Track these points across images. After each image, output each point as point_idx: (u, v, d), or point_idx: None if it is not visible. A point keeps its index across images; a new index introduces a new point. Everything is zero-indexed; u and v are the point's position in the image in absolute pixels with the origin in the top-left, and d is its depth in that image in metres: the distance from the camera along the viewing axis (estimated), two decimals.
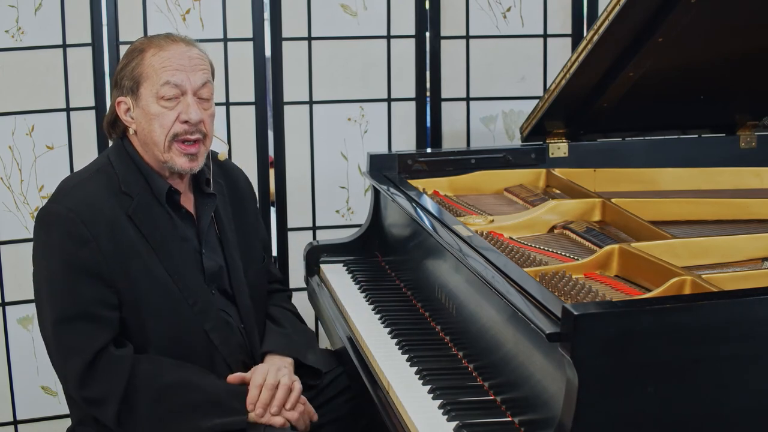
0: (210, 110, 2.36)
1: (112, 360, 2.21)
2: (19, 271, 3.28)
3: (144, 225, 2.29)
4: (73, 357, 2.21)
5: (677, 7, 2.64)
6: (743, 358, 1.74)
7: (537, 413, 1.87)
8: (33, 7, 3.23)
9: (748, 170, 3.03)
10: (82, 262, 2.22)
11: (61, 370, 2.26)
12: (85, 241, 2.22)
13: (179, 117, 2.30)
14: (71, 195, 2.28)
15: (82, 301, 2.21)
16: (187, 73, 2.30)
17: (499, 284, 2.03)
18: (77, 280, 2.22)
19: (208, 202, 2.44)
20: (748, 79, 2.99)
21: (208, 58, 2.39)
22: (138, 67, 2.31)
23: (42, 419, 3.38)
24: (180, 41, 2.34)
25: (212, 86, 2.37)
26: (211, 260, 2.41)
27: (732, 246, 2.34)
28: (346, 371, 2.53)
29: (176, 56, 2.31)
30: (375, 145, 3.58)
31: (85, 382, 2.21)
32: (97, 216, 2.24)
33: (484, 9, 3.62)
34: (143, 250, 2.27)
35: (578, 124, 3.12)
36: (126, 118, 2.35)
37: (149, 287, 2.27)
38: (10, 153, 3.26)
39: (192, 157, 2.33)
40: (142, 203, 2.30)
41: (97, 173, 2.34)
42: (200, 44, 2.40)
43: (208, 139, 2.37)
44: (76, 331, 2.21)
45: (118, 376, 2.20)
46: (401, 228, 2.85)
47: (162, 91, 2.28)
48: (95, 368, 2.20)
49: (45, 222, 2.27)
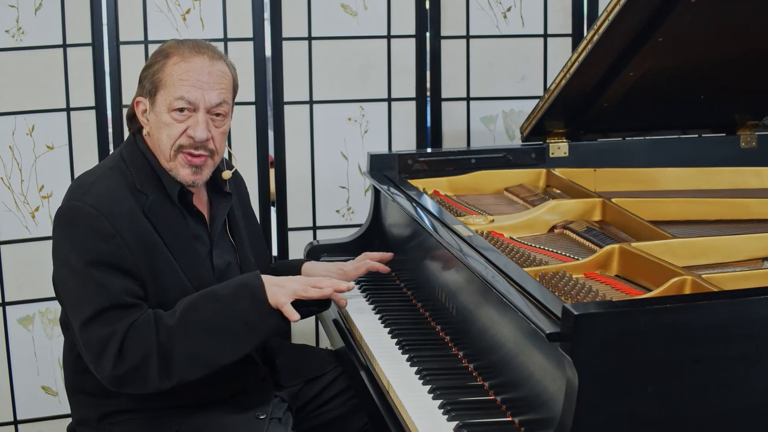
0: (222, 128, 2.34)
1: (138, 326, 2.18)
2: (19, 271, 3.28)
3: (159, 222, 2.29)
4: (109, 345, 2.18)
5: (677, 7, 2.64)
6: (743, 357, 1.74)
7: (537, 413, 1.87)
8: (33, 7, 3.23)
9: (748, 170, 3.03)
10: (109, 256, 2.20)
11: (96, 361, 2.20)
12: (110, 235, 2.21)
13: (187, 131, 2.29)
14: (91, 192, 2.26)
15: (113, 295, 2.19)
16: (203, 90, 2.28)
17: (500, 284, 2.03)
18: (106, 274, 2.20)
19: (223, 201, 2.45)
20: (748, 79, 2.99)
21: (231, 72, 2.37)
22: (159, 72, 2.30)
23: (42, 419, 3.38)
24: (206, 53, 2.31)
25: (230, 104, 2.36)
26: (220, 258, 2.42)
27: (732, 246, 2.34)
28: (346, 371, 2.53)
29: (196, 70, 2.28)
30: (375, 145, 3.58)
31: (120, 360, 2.17)
32: (119, 211, 2.24)
33: (485, 9, 3.62)
34: (161, 246, 2.28)
35: (578, 124, 3.12)
36: (142, 118, 2.36)
37: (170, 282, 2.27)
38: (10, 153, 3.27)
39: (196, 170, 2.32)
40: (155, 201, 2.30)
41: (111, 170, 2.33)
42: (227, 57, 2.37)
43: (217, 155, 2.35)
44: (110, 322, 2.19)
45: (146, 338, 2.18)
46: (401, 228, 2.85)
47: (174, 104, 2.28)
48: (126, 342, 2.17)
49: (67, 219, 2.25)
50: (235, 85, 2.39)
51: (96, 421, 2.32)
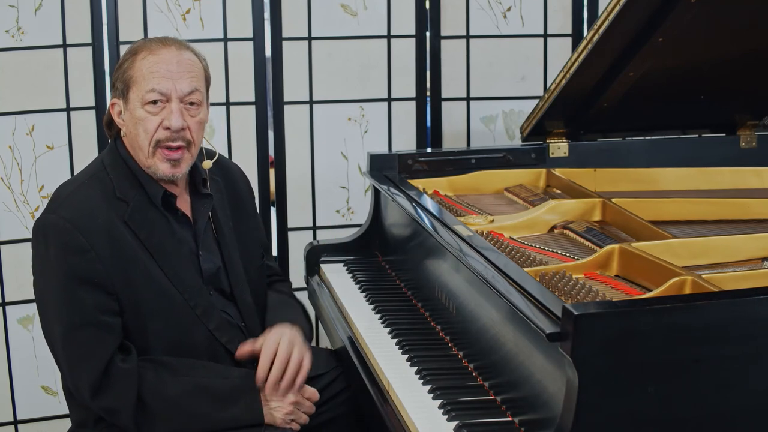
0: (197, 117, 2.32)
1: (120, 373, 2.20)
2: (19, 271, 3.28)
3: (140, 230, 2.28)
4: (84, 367, 2.21)
5: (677, 7, 2.64)
6: (743, 357, 1.74)
7: (537, 413, 1.87)
8: (33, 7, 3.23)
9: (748, 170, 3.03)
10: (82, 271, 2.21)
11: (72, 382, 2.25)
12: (84, 250, 2.21)
13: (162, 123, 2.28)
14: (67, 204, 2.26)
15: (86, 311, 2.21)
16: (174, 80, 2.28)
17: (500, 284, 2.03)
18: (79, 290, 2.21)
19: (204, 202, 2.43)
20: (748, 79, 2.99)
21: (202, 62, 2.36)
22: (129, 70, 2.30)
23: (42, 419, 3.38)
24: (172, 45, 2.32)
25: (203, 92, 2.35)
26: (208, 262, 2.40)
27: (732, 246, 2.34)
28: (346, 371, 2.53)
29: (164, 61, 2.28)
30: (375, 145, 3.58)
31: (97, 394, 2.21)
32: (93, 224, 2.23)
33: (485, 9, 3.62)
34: (141, 255, 2.27)
35: (578, 124, 3.12)
36: (118, 120, 2.35)
37: (149, 292, 2.27)
38: (10, 153, 3.27)
39: (174, 163, 2.30)
40: (137, 208, 2.29)
41: (91, 179, 2.32)
42: (196, 47, 2.38)
43: (194, 146, 2.34)
44: (84, 341, 2.21)
45: (127, 390, 2.20)
46: (401, 228, 2.85)
47: (147, 97, 2.27)
48: (105, 380, 2.20)
49: (42, 233, 2.26)
50: (207, 75, 2.38)
51: (93, 424, 2.32)
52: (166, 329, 2.29)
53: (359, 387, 2.37)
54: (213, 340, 2.33)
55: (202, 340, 2.32)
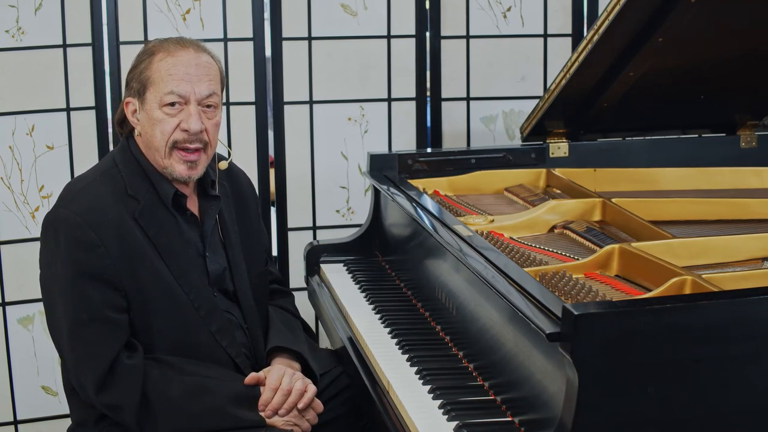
0: (215, 119, 2.34)
1: (125, 370, 2.21)
2: (19, 271, 3.28)
3: (150, 228, 2.29)
4: (90, 364, 2.21)
5: (677, 7, 2.64)
6: (743, 358, 1.74)
7: (537, 413, 1.87)
8: (33, 7, 3.23)
9: (749, 170, 3.03)
10: (90, 267, 2.21)
11: (77, 377, 2.25)
12: (94, 245, 2.21)
13: (180, 125, 2.29)
14: (78, 199, 2.27)
15: (93, 306, 2.21)
16: (192, 83, 2.29)
17: (500, 284, 2.03)
18: (87, 285, 2.21)
19: (212, 204, 2.44)
20: (748, 79, 2.99)
21: (218, 64, 2.38)
22: (146, 70, 2.30)
23: (42, 419, 3.38)
24: (190, 47, 2.33)
25: (219, 95, 2.36)
26: (214, 263, 2.41)
27: (732, 246, 2.34)
28: (346, 371, 2.53)
29: (183, 63, 2.29)
30: (375, 145, 3.58)
31: (101, 390, 2.21)
32: (104, 220, 2.24)
33: (484, 9, 3.62)
34: (149, 252, 2.27)
35: (578, 124, 3.12)
36: (133, 119, 2.36)
37: (155, 290, 2.27)
38: (10, 153, 3.26)
39: (191, 165, 2.32)
40: (148, 206, 2.30)
41: (102, 176, 2.33)
42: (211, 49, 2.38)
43: (210, 148, 2.36)
44: (90, 336, 2.21)
45: (132, 387, 2.21)
46: (401, 228, 2.85)
47: (165, 99, 2.28)
48: (110, 377, 2.21)
49: (52, 227, 2.26)
50: (222, 77, 2.40)
51: (93, 423, 2.32)
52: (170, 328, 2.29)
53: (359, 387, 2.37)
54: (214, 342, 2.34)
55: (204, 342, 2.33)
